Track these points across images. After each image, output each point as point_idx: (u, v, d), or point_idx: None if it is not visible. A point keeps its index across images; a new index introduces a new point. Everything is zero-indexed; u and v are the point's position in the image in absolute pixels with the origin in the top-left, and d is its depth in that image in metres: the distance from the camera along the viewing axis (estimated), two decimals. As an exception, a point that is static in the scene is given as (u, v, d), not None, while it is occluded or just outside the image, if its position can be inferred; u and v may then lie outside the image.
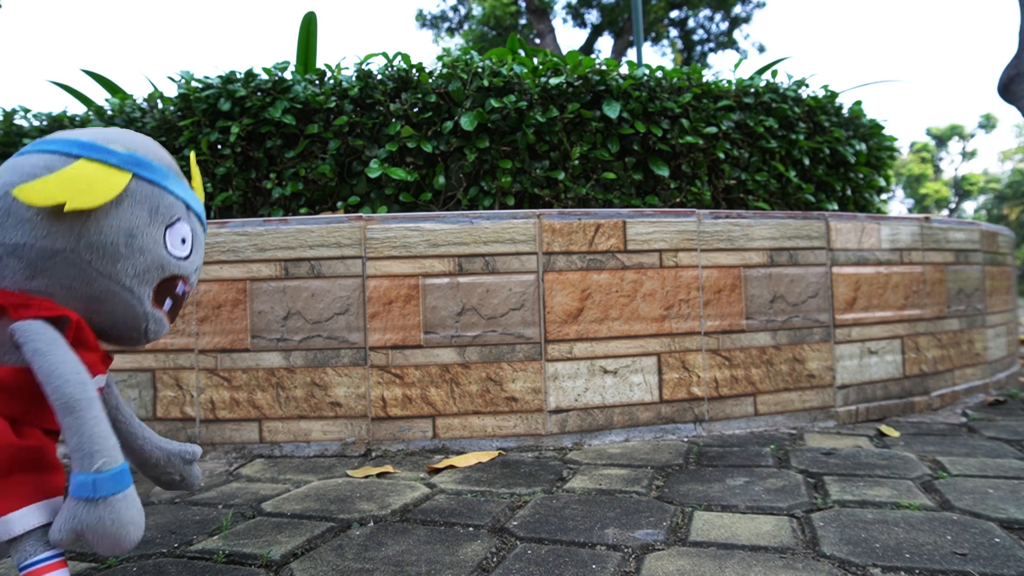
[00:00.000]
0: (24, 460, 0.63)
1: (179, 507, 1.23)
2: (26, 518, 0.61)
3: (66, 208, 0.65)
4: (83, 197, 0.66)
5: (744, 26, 13.50)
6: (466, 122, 1.86)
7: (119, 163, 0.72)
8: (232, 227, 1.62)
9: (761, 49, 13.79)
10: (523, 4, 12.79)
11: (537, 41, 12.47)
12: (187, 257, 0.78)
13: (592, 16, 13.31)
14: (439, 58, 2.02)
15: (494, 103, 1.86)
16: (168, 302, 0.77)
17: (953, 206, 30.65)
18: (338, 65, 2.06)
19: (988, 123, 29.83)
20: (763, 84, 2.21)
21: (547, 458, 1.52)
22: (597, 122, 1.94)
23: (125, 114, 2.10)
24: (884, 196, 2.85)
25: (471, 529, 1.07)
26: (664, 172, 1.97)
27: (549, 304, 1.63)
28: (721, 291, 1.75)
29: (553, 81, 1.92)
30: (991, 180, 29.94)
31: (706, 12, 13.28)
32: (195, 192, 0.83)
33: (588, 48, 13.58)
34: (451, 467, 1.46)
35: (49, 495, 0.64)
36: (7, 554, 0.66)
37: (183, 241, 0.77)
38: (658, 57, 14.43)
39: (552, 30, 12.65)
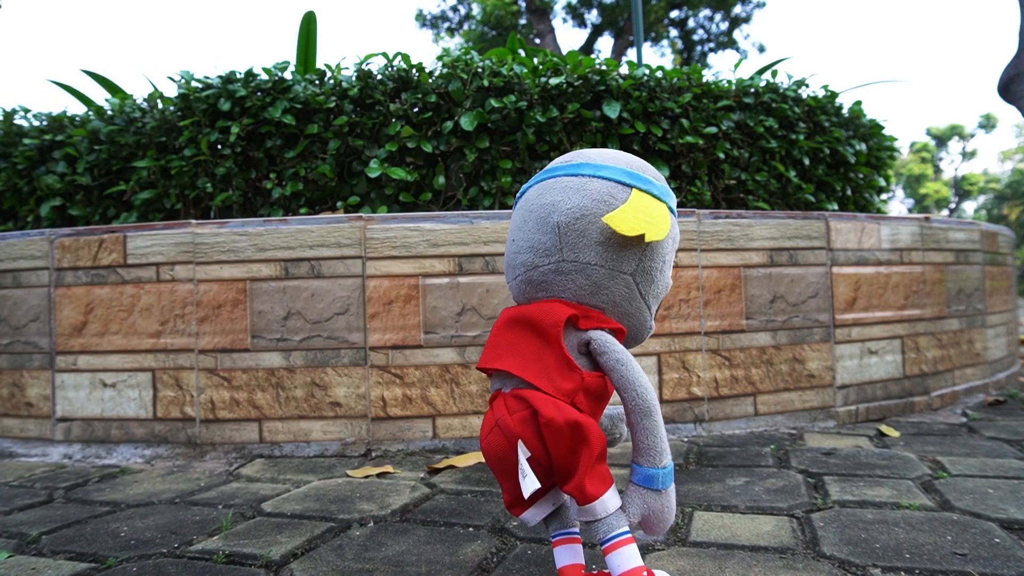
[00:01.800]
0: (604, 451, 0.73)
1: (179, 507, 1.23)
2: (613, 498, 0.71)
3: (646, 239, 0.74)
4: (656, 230, 0.75)
5: (744, 26, 13.50)
6: (466, 122, 1.86)
7: (659, 194, 0.78)
8: (232, 227, 1.62)
9: (761, 49, 13.80)
10: (523, 4, 12.78)
11: (537, 41, 12.47)
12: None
13: (592, 16, 13.31)
14: (439, 58, 2.02)
15: (494, 103, 1.86)
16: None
17: (953, 206, 30.65)
18: (338, 65, 2.05)
19: (988, 123, 29.83)
20: (763, 84, 2.21)
21: (547, 458, 1.52)
22: (597, 122, 1.94)
23: (125, 114, 2.10)
24: (884, 196, 2.85)
25: (471, 529, 1.07)
26: (664, 172, 1.97)
27: (549, 304, 1.63)
28: (721, 291, 1.75)
29: (553, 81, 1.92)
30: (991, 180, 29.94)
31: (706, 12, 13.28)
32: None
33: (588, 48, 13.58)
34: (451, 467, 1.46)
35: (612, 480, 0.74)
36: (563, 526, 0.80)
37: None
38: (658, 57, 14.44)
39: (552, 30, 12.65)
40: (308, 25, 2.46)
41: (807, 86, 2.31)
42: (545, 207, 0.78)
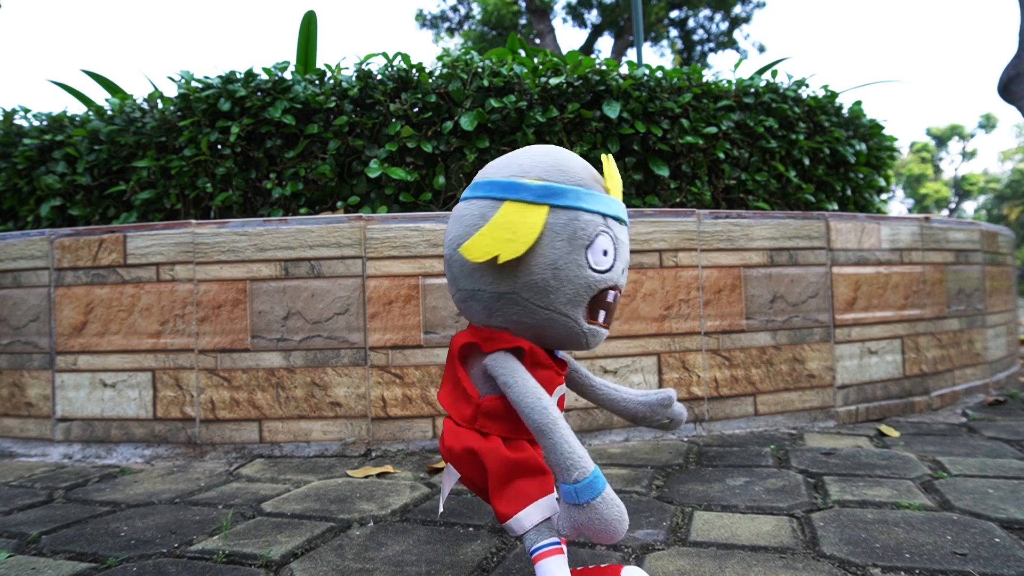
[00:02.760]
0: (520, 468, 0.74)
1: (179, 507, 1.23)
2: (530, 515, 0.73)
3: (499, 261, 0.73)
4: (510, 247, 0.73)
5: (744, 26, 13.50)
6: (466, 122, 1.86)
7: (533, 199, 0.75)
8: (232, 227, 1.62)
9: (761, 49, 13.80)
10: (523, 4, 12.79)
11: (537, 41, 12.47)
12: (610, 268, 0.78)
13: (592, 16, 13.31)
14: (439, 58, 2.02)
15: (494, 103, 1.86)
16: (602, 313, 0.80)
17: (953, 206, 30.65)
18: (338, 65, 2.05)
19: (988, 123, 29.83)
20: (763, 84, 2.21)
21: (547, 458, 1.52)
22: (597, 122, 1.94)
23: (125, 114, 2.10)
24: (884, 196, 2.85)
25: (471, 529, 1.07)
26: (664, 172, 1.97)
27: (549, 304, 1.63)
28: (721, 291, 1.75)
29: (553, 81, 1.92)
30: (991, 180, 29.95)
31: (706, 12, 13.28)
32: (612, 193, 0.81)
33: (588, 48, 13.58)
34: (451, 467, 1.46)
35: (545, 493, 0.74)
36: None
37: (605, 254, 0.78)
38: (658, 57, 14.44)
39: (552, 30, 12.65)
40: (308, 25, 2.46)
41: (807, 86, 2.31)
42: (444, 240, 0.82)
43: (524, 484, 0.73)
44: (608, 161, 0.84)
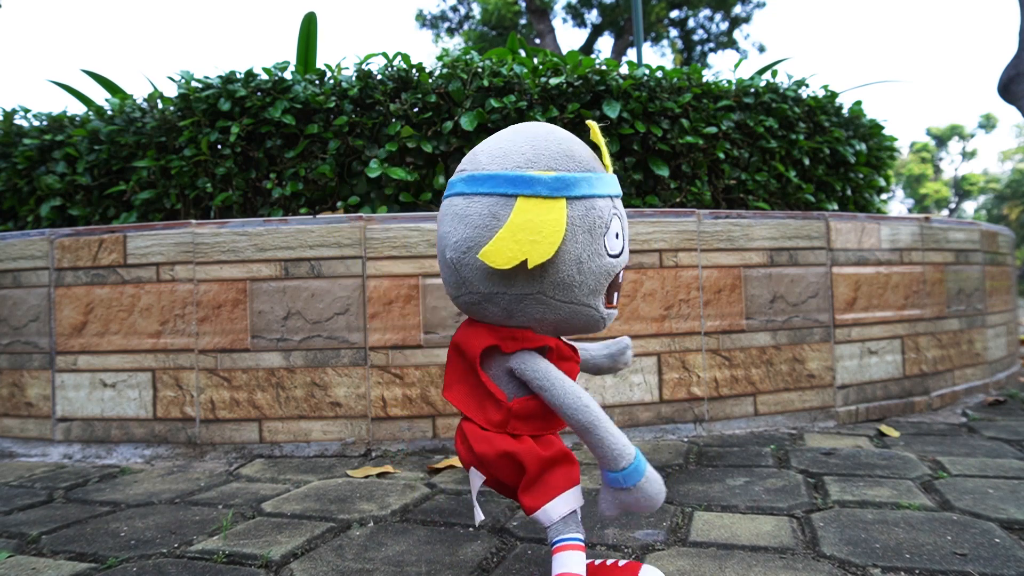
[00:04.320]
0: (550, 463, 0.75)
1: (179, 507, 1.23)
2: (557, 507, 0.74)
3: (528, 266, 0.69)
4: (538, 249, 0.68)
5: (744, 26, 13.50)
6: (466, 122, 1.86)
7: (549, 193, 0.70)
8: (232, 227, 1.62)
9: (761, 49, 13.80)
10: (523, 4, 12.79)
11: (537, 41, 12.47)
12: (622, 251, 0.77)
13: (592, 16, 13.31)
14: (439, 58, 2.02)
15: (494, 103, 1.86)
16: (616, 295, 0.79)
17: (953, 206, 30.65)
18: (338, 65, 2.05)
19: (988, 123, 29.83)
20: (763, 84, 2.21)
21: (547, 458, 1.52)
22: (597, 122, 1.94)
23: (125, 114, 2.10)
24: (884, 196, 2.85)
25: (471, 529, 1.07)
26: (664, 172, 1.97)
27: (549, 304, 1.63)
28: (721, 291, 1.75)
29: (553, 81, 1.92)
30: (991, 180, 29.95)
31: (706, 12, 13.28)
32: (607, 169, 0.78)
33: (588, 48, 13.58)
34: (451, 467, 1.46)
35: (572, 484, 0.75)
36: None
37: (617, 236, 0.76)
38: (658, 57, 14.44)
39: (552, 30, 12.65)
40: (308, 25, 2.46)
41: (807, 86, 2.30)
42: (441, 239, 0.77)
43: (553, 477, 0.74)
44: (595, 129, 0.79)
